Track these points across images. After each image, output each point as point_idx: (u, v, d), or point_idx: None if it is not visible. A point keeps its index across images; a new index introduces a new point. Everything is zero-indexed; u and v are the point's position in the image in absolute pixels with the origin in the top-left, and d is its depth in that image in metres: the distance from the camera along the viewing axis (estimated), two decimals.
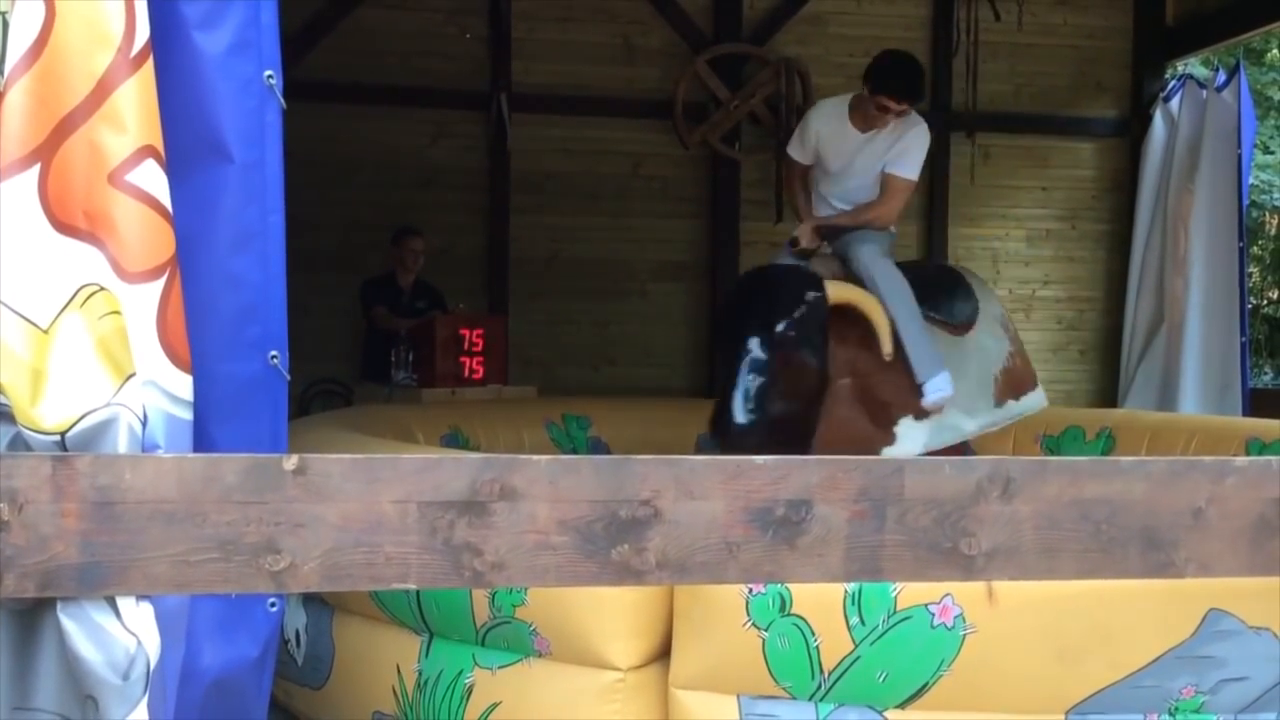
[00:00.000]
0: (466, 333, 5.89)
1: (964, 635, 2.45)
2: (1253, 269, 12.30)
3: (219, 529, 1.40)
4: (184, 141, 1.83)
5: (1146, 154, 7.42)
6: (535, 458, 1.47)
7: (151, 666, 1.56)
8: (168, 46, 1.82)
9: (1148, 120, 7.46)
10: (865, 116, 4.34)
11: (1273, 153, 11.45)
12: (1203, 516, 1.55)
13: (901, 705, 2.52)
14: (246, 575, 1.41)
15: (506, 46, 6.98)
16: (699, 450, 5.44)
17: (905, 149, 4.42)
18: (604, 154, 7.16)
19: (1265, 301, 13.49)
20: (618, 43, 7.14)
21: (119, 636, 1.52)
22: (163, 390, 1.70)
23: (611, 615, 2.62)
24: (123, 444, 1.59)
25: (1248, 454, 4.38)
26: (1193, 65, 8.80)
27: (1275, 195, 11.27)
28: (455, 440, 4.92)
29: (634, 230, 7.22)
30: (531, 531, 1.46)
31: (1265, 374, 12.30)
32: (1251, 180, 8.17)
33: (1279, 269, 13.34)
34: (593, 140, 7.13)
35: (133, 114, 1.71)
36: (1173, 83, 7.53)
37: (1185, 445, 4.73)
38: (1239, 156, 6.87)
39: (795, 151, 4.59)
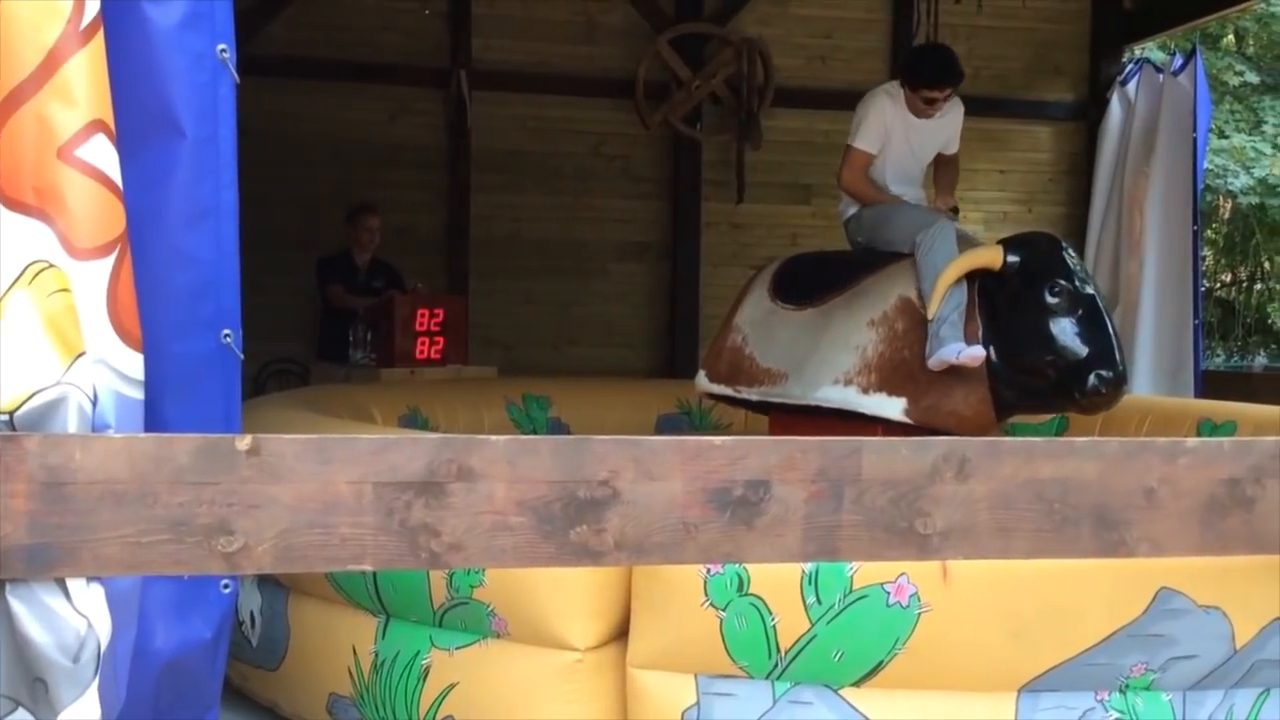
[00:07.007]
0: (426, 312, 5.84)
1: (919, 614, 2.47)
2: (1206, 252, 12.48)
3: (171, 510, 1.39)
4: (135, 116, 1.80)
5: (1103, 137, 7.48)
6: (493, 438, 1.46)
7: (102, 649, 1.54)
8: (118, 19, 1.78)
9: (1105, 104, 7.51)
10: (917, 107, 4.53)
11: (1228, 137, 11.59)
12: (1155, 496, 1.57)
13: (857, 684, 2.54)
14: (199, 557, 1.40)
15: (467, 23, 6.93)
16: (659, 431, 5.45)
17: (956, 130, 4.73)
18: (565, 133, 7.13)
19: (1218, 284, 13.69)
20: (579, 20, 7.11)
21: (69, 619, 1.50)
22: (113, 369, 1.67)
23: (570, 596, 2.62)
24: (72, 424, 1.57)
25: (1199, 435, 4.44)
26: (1150, 49, 8.88)
27: (1229, 179, 11.41)
28: (414, 421, 4.90)
29: (595, 210, 7.21)
30: (489, 512, 1.45)
31: (1217, 356, 12.49)
32: (1206, 164, 8.25)
33: (1232, 252, 13.53)
34: (554, 119, 7.10)
35: (83, 88, 1.68)
36: (1130, 67, 7.59)
37: (1138, 426, 4.78)
38: (1194, 140, 6.93)
39: (866, 143, 4.59)
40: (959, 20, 7.00)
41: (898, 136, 4.56)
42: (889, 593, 2.46)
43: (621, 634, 2.66)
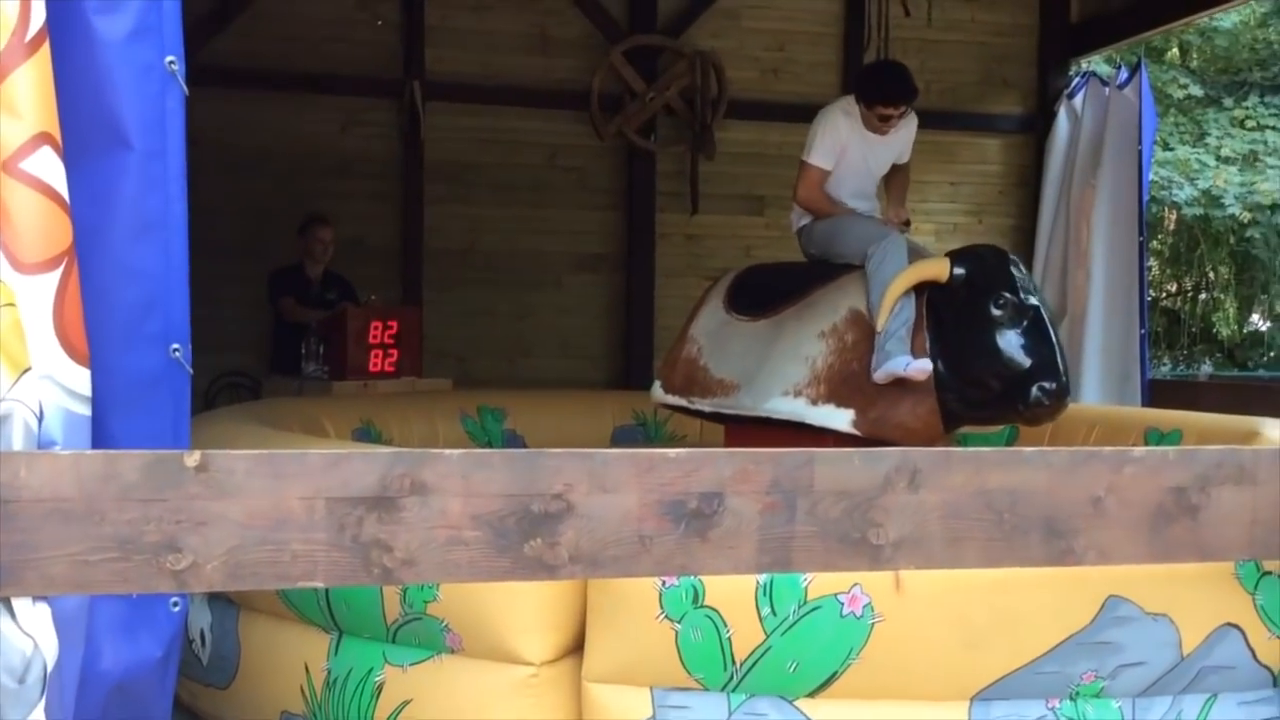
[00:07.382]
0: (379, 324, 5.81)
1: (872, 624, 2.48)
2: (1152, 263, 12.67)
3: (118, 527, 1.36)
4: (82, 129, 1.78)
5: (1050, 150, 7.57)
6: (447, 451, 1.46)
7: (49, 669, 1.52)
8: (65, 31, 1.77)
9: (1052, 117, 7.62)
10: (872, 124, 4.52)
11: (1173, 149, 11.78)
12: (1102, 505, 1.59)
13: (812, 694, 2.56)
14: (147, 575, 1.38)
15: (419, 34, 6.90)
16: (616, 442, 5.45)
17: (909, 143, 4.76)
18: (520, 144, 7.12)
19: (1164, 294, 13.90)
20: (534, 32, 7.11)
21: (14, 639, 1.48)
22: (60, 385, 1.65)
23: (524, 610, 2.61)
24: (18, 440, 1.55)
25: (1146, 444, 4.50)
26: (1096, 63, 9.00)
27: (1175, 191, 11.59)
28: (368, 434, 4.86)
29: (550, 221, 7.20)
30: (443, 527, 1.44)
31: (1164, 365, 12.69)
32: (1151, 176, 8.38)
33: (1177, 263, 13.74)
34: (508, 130, 7.09)
35: (28, 100, 1.66)
36: (1076, 80, 7.69)
37: (1086, 435, 4.84)
38: (1140, 153, 7.04)
39: (823, 159, 4.54)
40: (910, 34, 7.08)
41: (853, 152, 4.57)
42: (843, 603, 2.47)
43: (577, 648, 2.66)
